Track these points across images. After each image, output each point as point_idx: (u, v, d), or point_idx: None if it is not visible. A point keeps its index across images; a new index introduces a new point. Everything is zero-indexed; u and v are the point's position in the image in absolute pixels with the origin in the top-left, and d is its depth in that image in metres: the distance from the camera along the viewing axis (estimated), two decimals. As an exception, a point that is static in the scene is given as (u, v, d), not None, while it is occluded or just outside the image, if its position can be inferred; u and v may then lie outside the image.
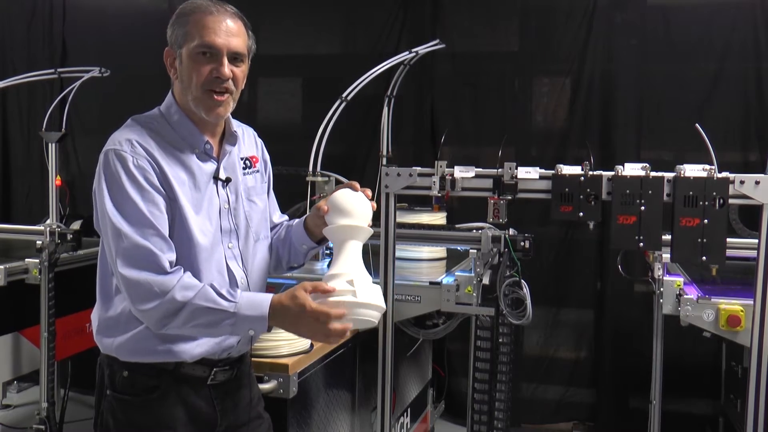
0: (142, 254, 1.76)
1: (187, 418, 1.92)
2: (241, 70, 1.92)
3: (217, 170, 1.95)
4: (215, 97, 1.87)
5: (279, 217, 2.20)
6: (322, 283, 1.75)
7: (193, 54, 1.85)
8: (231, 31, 1.88)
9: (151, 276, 1.75)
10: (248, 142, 2.11)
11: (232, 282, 1.93)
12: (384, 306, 1.78)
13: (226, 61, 1.86)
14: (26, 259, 3.56)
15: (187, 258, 1.85)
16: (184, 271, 1.80)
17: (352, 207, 1.87)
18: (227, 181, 1.96)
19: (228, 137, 2.00)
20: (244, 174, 2.04)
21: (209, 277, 1.87)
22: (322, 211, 1.91)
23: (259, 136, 2.19)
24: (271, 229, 2.15)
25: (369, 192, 1.94)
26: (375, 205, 1.95)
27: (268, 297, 1.78)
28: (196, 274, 1.85)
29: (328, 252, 3.38)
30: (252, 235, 2.01)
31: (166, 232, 1.80)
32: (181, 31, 1.87)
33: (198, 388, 1.93)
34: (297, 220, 2.13)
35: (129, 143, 1.82)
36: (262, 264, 2.06)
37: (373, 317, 1.77)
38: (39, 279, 3.50)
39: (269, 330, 1.79)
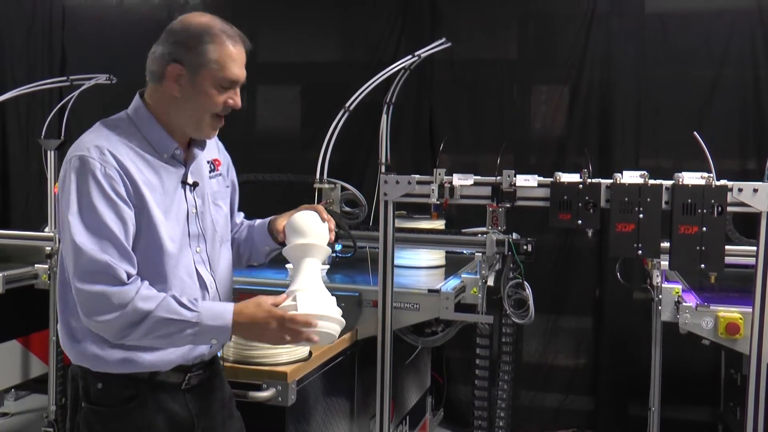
0: (98, 268, 1.73)
1: (165, 424, 1.92)
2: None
3: (185, 174, 1.95)
4: (221, 120, 1.92)
5: (239, 217, 2.24)
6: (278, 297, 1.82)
7: (215, 84, 1.86)
8: (244, 63, 1.91)
9: (108, 288, 1.73)
10: (210, 144, 2.09)
11: (202, 286, 1.94)
12: (334, 316, 1.82)
13: (238, 90, 1.91)
14: (36, 265, 3.59)
15: (156, 263, 1.84)
16: (143, 281, 1.79)
17: (309, 227, 1.96)
18: (194, 185, 1.97)
19: (197, 141, 1.99)
20: (210, 178, 2.05)
21: (177, 282, 1.87)
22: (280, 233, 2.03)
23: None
24: (232, 228, 2.18)
25: (325, 214, 2.03)
26: (332, 227, 2.04)
27: (230, 306, 1.81)
28: (164, 279, 1.85)
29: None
30: (218, 239, 2.03)
31: (128, 243, 1.78)
32: (204, 56, 1.84)
33: (174, 394, 1.93)
34: (259, 221, 2.16)
35: (98, 150, 1.79)
36: (227, 267, 2.09)
37: (328, 329, 1.81)
38: (48, 284, 3.57)
39: (230, 339, 1.82)
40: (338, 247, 3.33)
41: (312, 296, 1.82)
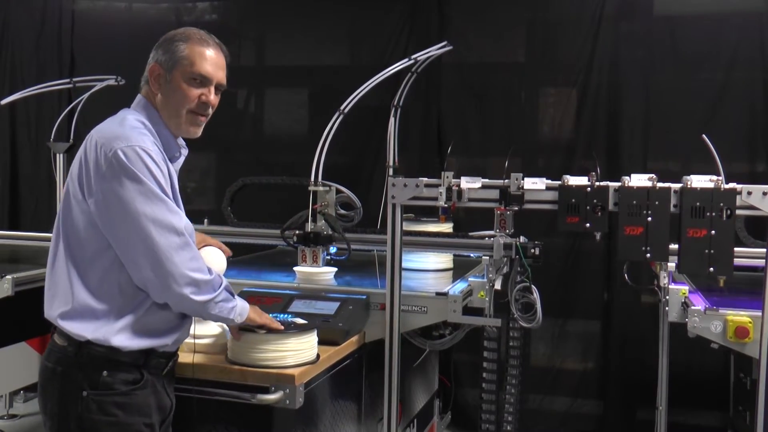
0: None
1: (156, 405, 2.10)
2: (218, 99, 2.17)
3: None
4: (200, 118, 2.13)
5: None
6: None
7: (186, 78, 2.08)
8: (220, 64, 2.14)
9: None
10: None
11: None
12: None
13: (213, 89, 2.12)
14: None
15: None
16: None
17: (211, 263, 2.26)
18: None
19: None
20: None
21: None
22: None
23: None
24: None
25: (227, 250, 2.50)
26: (229, 251, 2.51)
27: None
28: None
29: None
30: None
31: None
32: (176, 54, 2.08)
33: (160, 378, 2.12)
34: None
35: (154, 145, 2.01)
36: None
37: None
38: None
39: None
40: (333, 250, 3.34)
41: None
